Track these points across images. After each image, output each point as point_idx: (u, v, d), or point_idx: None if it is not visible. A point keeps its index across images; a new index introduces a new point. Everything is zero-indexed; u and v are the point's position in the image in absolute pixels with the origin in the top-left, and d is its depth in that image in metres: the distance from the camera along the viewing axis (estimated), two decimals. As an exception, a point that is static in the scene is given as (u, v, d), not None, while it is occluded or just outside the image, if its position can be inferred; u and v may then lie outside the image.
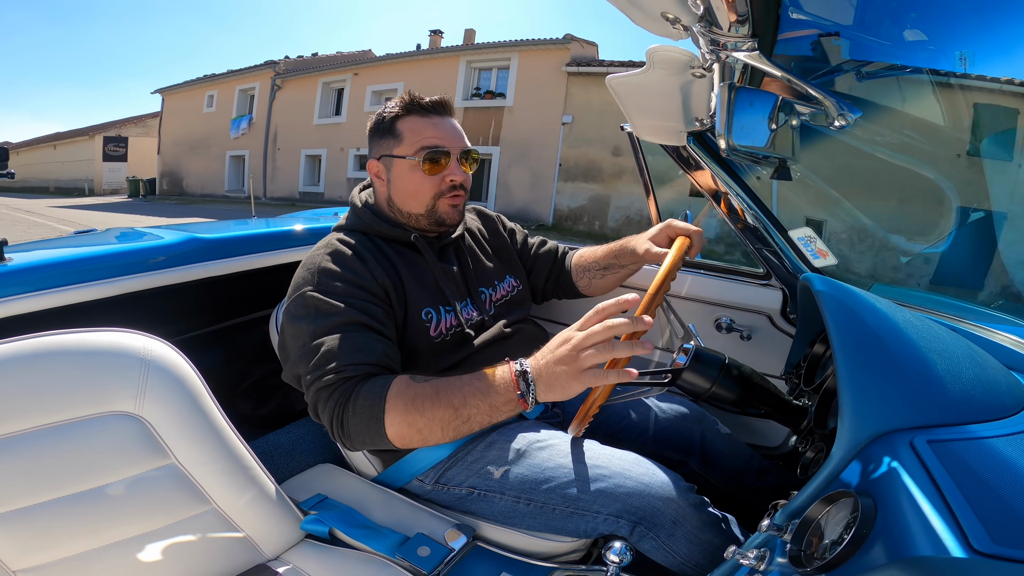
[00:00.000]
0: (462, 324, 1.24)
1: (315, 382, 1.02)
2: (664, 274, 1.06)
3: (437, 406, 0.95)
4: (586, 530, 1.08)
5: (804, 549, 0.63)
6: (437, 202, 1.23)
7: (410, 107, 1.21)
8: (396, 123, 1.21)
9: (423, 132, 1.20)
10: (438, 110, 1.23)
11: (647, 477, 1.08)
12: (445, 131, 1.21)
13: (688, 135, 1.36)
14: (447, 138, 1.21)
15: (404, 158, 1.20)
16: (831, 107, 0.85)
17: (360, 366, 1.02)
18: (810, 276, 1.05)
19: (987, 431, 0.70)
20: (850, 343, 0.81)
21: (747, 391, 1.06)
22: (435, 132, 1.20)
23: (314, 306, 1.08)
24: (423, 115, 1.21)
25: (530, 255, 1.56)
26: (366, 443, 1.01)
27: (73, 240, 1.66)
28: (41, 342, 0.90)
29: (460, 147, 1.23)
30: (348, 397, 0.99)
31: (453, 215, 1.25)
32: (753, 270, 1.69)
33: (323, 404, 1.01)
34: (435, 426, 0.96)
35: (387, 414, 0.96)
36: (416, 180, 1.21)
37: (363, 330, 1.07)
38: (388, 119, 1.22)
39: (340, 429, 1.01)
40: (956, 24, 0.80)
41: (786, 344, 1.55)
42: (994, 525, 0.52)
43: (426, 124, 1.20)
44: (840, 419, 0.73)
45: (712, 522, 1.07)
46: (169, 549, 0.96)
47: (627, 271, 1.48)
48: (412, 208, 1.24)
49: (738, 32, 0.76)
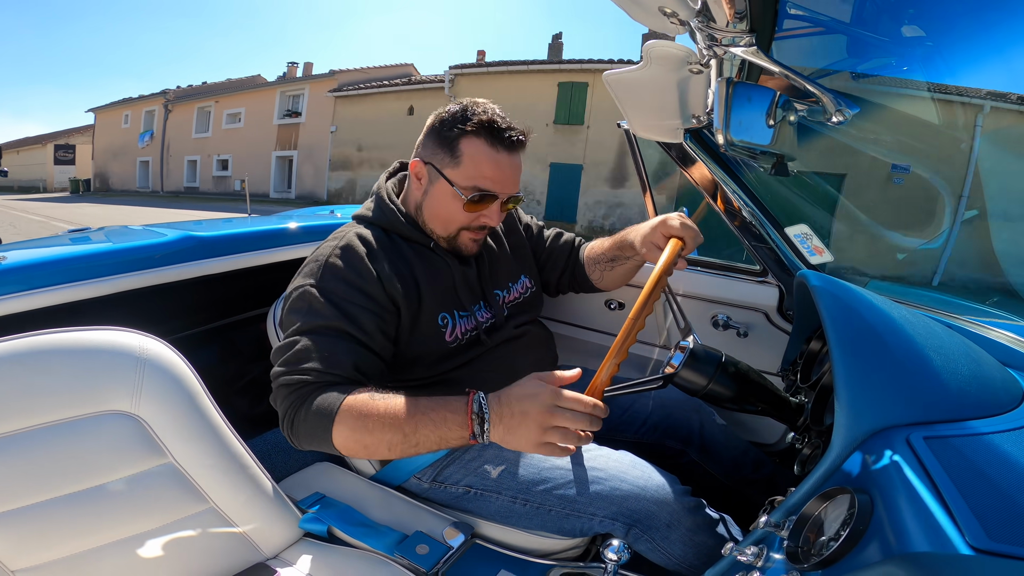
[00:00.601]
0: (478, 328, 1.23)
1: (279, 376, 1.02)
2: (655, 279, 1.04)
3: (386, 429, 0.93)
4: (582, 530, 1.09)
5: (801, 545, 0.63)
6: (461, 233, 1.19)
7: (482, 131, 1.11)
8: (461, 140, 1.11)
9: (483, 168, 1.11)
10: (510, 146, 1.13)
11: (643, 480, 1.09)
12: (504, 174, 1.13)
13: (685, 132, 1.36)
14: (502, 182, 1.14)
15: (452, 184, 1.13)
16: (829, 103, 0.85)
17: (323, 374, 1.00)
18: (806, 273, 1.06)
19: (983, 427, 0.70)
20: (846, 339, 0.81)
21: (744, 388, 1.06)
22: (495, 173, 1.12)
23: (308, 302, 1.07)
24: (492, 145, 1.11)
25: (545, 248, 1.52)
26: (312, 447, 1.01)
27: (67, 238, 1.65)
28: (36, 341, 0.90)
29: (509, 193, 1.16)
30: (303, 402, 0.98)
31: (471, 248, 1.22)
32: (750, 267, 1.69)
33: (280, 400, 1.01)
34: (382, 446, 0.94)
35: (335, 427, 0.95)
36: (452, 209, 1.15)
37: (342, 338, 1.05)
38: (456, 133, 1.11)
39: (289, 428, 1.01)
40: (953, 22, 0.80)
41: (783, 341, 1.55)
42: (990, 521, 0.52)
43: (490, 159, 1.11)
44: (837, 415, 0.73)
45: (707, 524, 1.08)
46: (167, 548, 0.96)
47: (633, 263, 1.42)
48: (435, 228, 1.19)
49: (736, 28, 0.76)
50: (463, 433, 0.91)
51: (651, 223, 1.28)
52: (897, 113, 1.11)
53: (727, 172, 1.41)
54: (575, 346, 1.99)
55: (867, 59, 0.93)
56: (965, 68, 0.84)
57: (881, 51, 0.90)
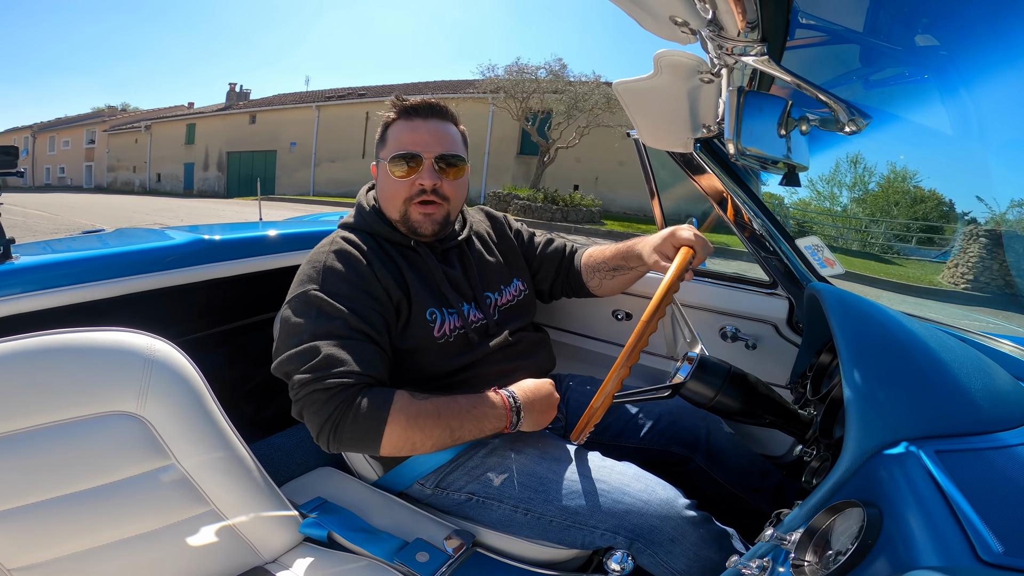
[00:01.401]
0: (466, 327, 1.23)
1: (311, 383, 1.01)
2: (665, 288, 1.04)
3: (436, 427, 1.03)
4: (583, 543, 1.08)
5: (808, 559, 0.62)
6: (408, 208, 1.20)
7: (398, 111, 1.21)
8: (388, 128, 1.22)
9: (402, 138, 1.19)
10: (421, 113, 1.21)
11: (646, 494, 1.07)
12: (421, 135, 1.19)
13: (695, 142, 1.35)
14: (421, 142, 1.18)
15: (384, 162, 1.20)
16: (842, 113, 0.84)
17: (362, 376, 1.04)
18: (817, 285, 1.05)
19: (995, 441, 0.69)
20: (857, 352, 0.80)
21: (752, 400, 1.05)
22: (410, 136, 1.18)
23: (317, 306, 1.08)
24: (406, 119, 1.20)
25: (536, 255, 1.53)
26: (355, 449, 1.05)
27: (80, 240, 1.67)
28: (45, 340, 0.90)
29: (434, 152, 1.19)
30: (349, 405, 1.00)
31: (424, 224, 1.21)
32: (759, 279, 1.68)
33: (318, 406, 1.01)
34: (429, 443, 1.04)
35: (388, 426, 1.00)
36: (390, 185, 1.20)
37: (365, 340, 1.08)
38: (383, 124, 1.23)
39: (332, 432, 1.01)
40: (967, 30, 0.80)
41: (792, 353, 1.54)
42: (1001, 535, 0.51)
43: (405, 128, 1.20)
44: (847, 429, 0.72)
45: (712, 538, 1.07)
46: (167, 550, 0.96)
47: (636, 273, 1.44)
48: (390, 213, 1.23)
49: (747, 37, 0.76)
50: (500, 425, 1.09)
51: (661, 234, 1.30)
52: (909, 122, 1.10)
53: (737, 183, 1.41)
54: (582, 356, 1.98)
55: (880, 69, 0.93)
56: (980, 78, 0.84)
57: (895, 61, 0.90)
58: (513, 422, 1.09)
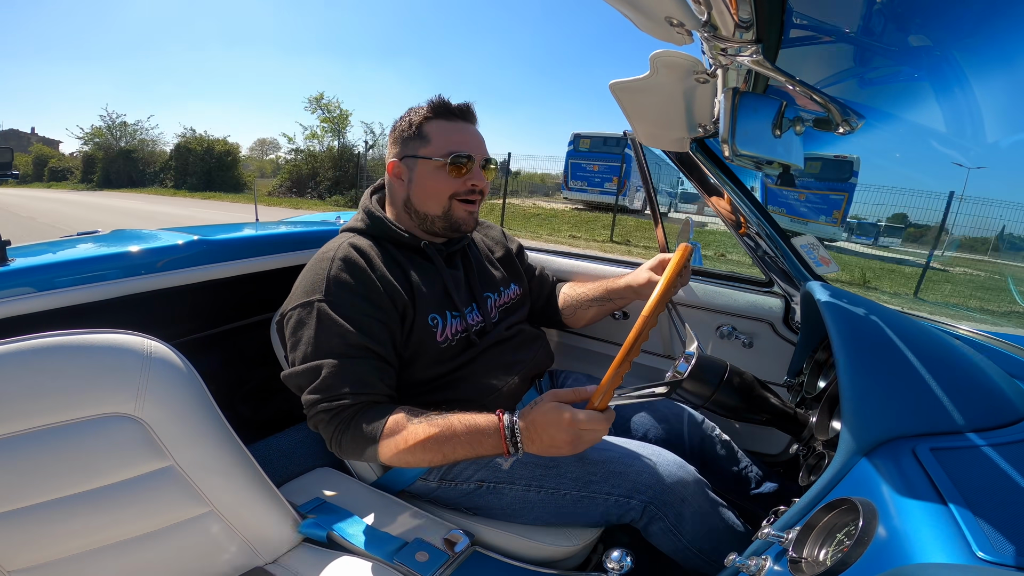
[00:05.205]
0: (468, 329, 1.25)
1: (318, 403, 1.06)
2: (665, 284, 1.04)
3: (427, 451, 1.01)
4: (596, 517, 1.11)
5: (805, 556, 0.62)
6: (453, 203, 1.23)
7: (438, 110, 1.22)
8: (424, 126, 1.22)
9: (451, 136, 1.21)
10: (464, 116, 1.24)
11: (655, 457, 1.13)
12: (471, 137, 1.23)
13: (691, 141, 1.36)
14: (472, 144, 1.23)
15: (430, 159, 1.20)
16: (836, 113, 0.85)
17: (359, 396, 1.06)
18: (813, 283, 1.05)
19: (990, 439, 0.70)
20: (853, 350, 0.80)
21: (748, 398, 1.06)
22: (462, 137, 1.22)
23: (321, 319, 1.09)
24: (450, 119, 1.22)
25: (534, 275, 1.60)
26: (359, 460, 1.13)
27: (75, 241, 1.66)
28: (42, 342, 0.90)
29: (483, 155, 1.24)
30: (347, 426, 1.05)
31: (468, 220, 1.26)
32: (755, 277, 1.68)
33: (324, 424, 1.07)
34: (423, 463, 1.04)
35: (380, 447, 1.03)
36: (440, 181, 1.21)
37: (367, 357, 1.10)
38: (416, 122, 1.22)
39: (337, 447, 1.08)
40: (962, 31, 0.80)
41: (788, 351, 1.54)
42: (996, 532, 0.51)
43: (453, 128, 1.22)
44: (842, 426, 0.73)
45: (715, 503, 1.13)
46: (165, 551, 0.96)
47: (614, 305, 1.52)
48: (430, 208, 1.24)
49: (742, 37, 0.76)
50: (497, 451, 1.00)
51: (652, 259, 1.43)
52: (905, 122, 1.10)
53: (733, 182, 1.41)
54: (579, 355, 1.98)
55: (874, 69, 0.93)
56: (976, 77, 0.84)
57: (890, 60, 0.90)
58: (510, 451, 0.99)
